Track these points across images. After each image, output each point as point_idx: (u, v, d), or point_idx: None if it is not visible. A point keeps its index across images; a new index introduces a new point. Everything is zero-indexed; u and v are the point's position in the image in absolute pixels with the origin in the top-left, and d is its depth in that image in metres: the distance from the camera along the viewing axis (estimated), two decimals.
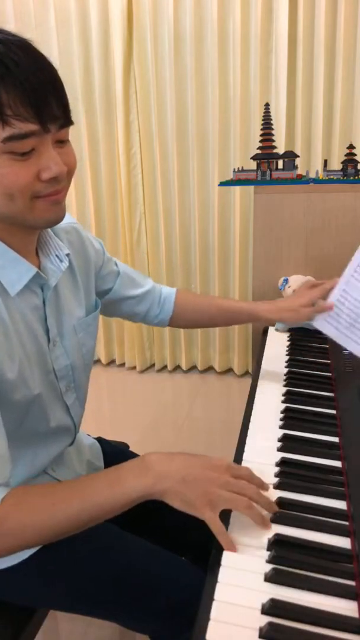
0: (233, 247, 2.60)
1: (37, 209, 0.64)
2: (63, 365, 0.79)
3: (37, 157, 0.60)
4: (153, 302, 1.03)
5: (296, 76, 2.31)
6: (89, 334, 0.85)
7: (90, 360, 0.88)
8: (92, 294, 0.89)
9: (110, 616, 0.77)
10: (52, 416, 0.78)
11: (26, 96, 0.56)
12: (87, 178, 2.63)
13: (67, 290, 0.81)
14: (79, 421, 0.88)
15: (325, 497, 0.69)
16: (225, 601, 0.53)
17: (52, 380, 0.77)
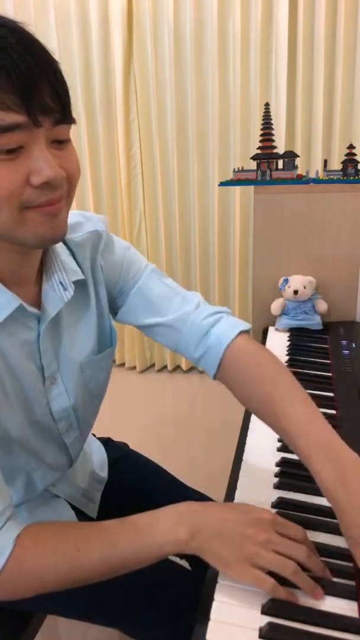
0: (233, 247, 2.59)
1: (28, 223, 0.52)
2: (62, 407, 0.70)
3: (27, 157, 0.50)
4: (185, 341, 0.74)
5: (296, 76, 2.31)
6: (99, 369, 0.74)
7: (100, 393, 0.78)
8: (106, 317, 0.74)
9: (109, 622, 0.76)
10: (44, 455, 0.71)
11: (12, 81, 0.46)
12: (87, 178, 2.63)
13: (73, 320, 0.69)
14: (77, 455, 0.81)
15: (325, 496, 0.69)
16: (225, 601, 0.53)
17: (48, 422, 0.69)
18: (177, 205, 2.56)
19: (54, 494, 0.81)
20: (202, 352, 0.73)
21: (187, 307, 0.75)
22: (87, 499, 0.87)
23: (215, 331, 0.73)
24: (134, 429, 2.19)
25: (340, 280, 1.38)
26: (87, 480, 0.89)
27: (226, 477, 0.75)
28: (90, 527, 0.59)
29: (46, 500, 0.80)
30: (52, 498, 0.81)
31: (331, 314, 1.40)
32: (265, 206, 1.37)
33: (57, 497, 0.82)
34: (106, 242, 0.75)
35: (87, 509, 0.87)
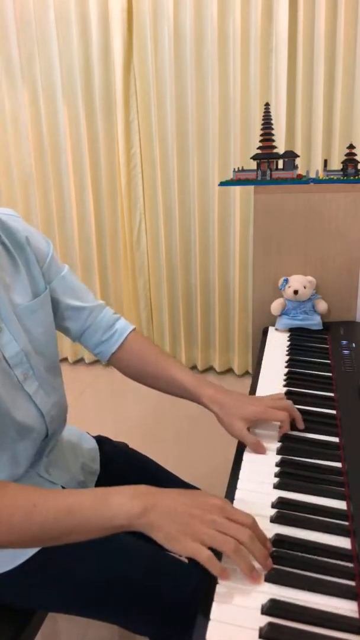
0: (233, 247, 2.59)
1: None
2: (14, 352, 0.76)
3: None
4: (95, 325, 0.94)
5: (296, 76, 2.31)
6: (35, 321, 0.81)
7: (47, 348, 0.84)
8: (38, 281, 0.84)
9: (110, 618, 0.77)
10: (14, 407, 0.75)
11: None
12: (87, 178, 2.63)
13: (4, 274, 0.78)
14: (54, 412, 0.84)
15: (325, 497, 0.69)
16: (225, 601, 0.53)
17: (5, 368, 0.74)
18: (177, 205, 2.56)
19: (51, 481, 0.83)
20: (107, 337, 0.94)
21: (99, 303, 0.96)
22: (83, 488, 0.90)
23: (118, 324, 0.95)
24: (134, 429, 2.20)
25: (340, 280, 1.38)
26: (80, 470, 0.92)
27: (226, 477, 0.75)
28: (52, 491, 0.63)
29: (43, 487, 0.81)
30: (48, 485, 0.83)
31: (331, 314, 1.40)
32: (265, 206, 1.37)
33: (54, 484, 0.84)
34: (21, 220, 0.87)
35: None
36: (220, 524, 0.57)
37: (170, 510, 0.58)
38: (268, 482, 0.72)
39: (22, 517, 0.59)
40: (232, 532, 0.56)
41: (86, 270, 2.81)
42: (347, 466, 0.75)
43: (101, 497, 0.61)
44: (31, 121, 2.58)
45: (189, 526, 0.57)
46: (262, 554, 0.56)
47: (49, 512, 0.59)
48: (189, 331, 2.79)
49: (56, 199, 2.70)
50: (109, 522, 0.59)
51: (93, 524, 0.59)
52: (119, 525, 0.59)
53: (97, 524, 0.59)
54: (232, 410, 0.82)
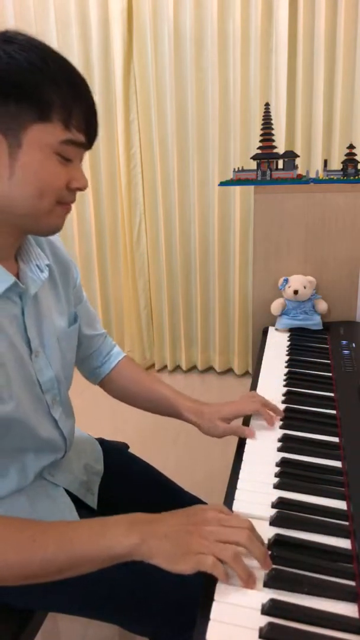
0: (233, 247, 2.59)
1: (54, 214, 0.67)
2: (48, 377, 0.77)
3: (72, 167, 0.66)
4: (99, 351, 0.99)
5: (296, 76, 2.31)
6: (70, 345, 0.84)
7: (71, 374, 0.87)
8: (72, 307, 0.88)
9: (110, 618, 0.77)
10: (41, 431, 0.76)
11: (88, 115, 0.65)
12: (87, 178, 2.62)
13: (48, 300, 0.80)
14: (70, 435, 0.86)
15: (325, 497, 0.69)
16: (225, 601, 0.53)
17: (38, 394, 0.76)
18: (177, 205, 2.56)
19: (53, 483, 0.83)
20: (103, 362, 1.00)
21: (104, 331, 1.01)
22: (86, 490, 0.90)
23: (114, 351, 1.01)
24: (134, 429, 2.20)
25: (340, 280, 1.38)
26: (84, 471, 0.92)
27: (226, 477, 0.75)
28: (49, 524, 0.62)
29: (45, 489, 0.82)
30: (50, 487, 0.83)
31: (331, 314, 1.40)
32: (265, 206, 1.37)
33: (57, 486, 0.84)
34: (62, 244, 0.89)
35: (87, 499, 0.90)
36: (217, 533, 0.57)
37: (166, 534, 0.58)
38: (268, 482, 0.72)
39: (21, 554, 0.58)
40: (230, 537, 0.57)
41: (86, 270, 2.81)
42: (347, 466, 0.75)
43: (98, 529, 0.60)
44: None
45: (187, 544, 0.57)
46: (262, 553, 0.57)
47: (47, 547, 0.58)
48: (189, 331, 2.79)
49: None
50: (107, 553, 0.58)
51: (93, 556, 0.59)
52: (119, 555, 0.59)
53: (97, 556, 0.59)
54: (210, 416, 0.89)
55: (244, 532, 0.57)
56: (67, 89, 0.61)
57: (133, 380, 0.99)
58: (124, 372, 1.00)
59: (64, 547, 0.58)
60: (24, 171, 0.61)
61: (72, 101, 0.62)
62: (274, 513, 0.65)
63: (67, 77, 0.62)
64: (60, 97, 0.61)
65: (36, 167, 0.62)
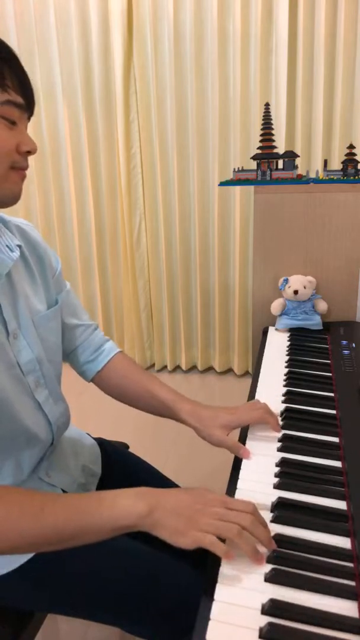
0: (233, 247, 2.59)
1: (9, 180, 0.68)
2: (27, 359, 0.76)
3: (18, 131, 0.68)
4: (86, 344, 0.96)
5: (296, 76, 2.31)
6: (49, 330, 0.83)
7: (56, 357, 0.85)
8: (51, 291, 0.87)
9: (110, 620, 0.77)
10: (25, 415, 0.75)
11: (20, 76, 0.67)
12: (86, 178, 2.63)
13: (23, 282, 0.79)
14: (60, 421, 0.86)
15: (325, 497, 0.69)
16: (225, 601, 0.53)
17: (18, 375, 0.75)
18: (177, 205, 2.56)
19: (50, 484, 0.83)
20: (95, 356, 0.96)
21: (92, 323, 0.98)
22: (83, 491, 0.90)
23: (107, 345, 0.98)
24: (134, 429, 2.20)
25: (340, 280, 1.38)
26: (81, 473, 0.91)
27: (226, 477, 0.75)
28: (57, 495, 0.65)
29: (42, 490, 0.81)
30: (47, 488, 0.82)
31: (331, 314, 1.40)
32: (265, 206, 1.37)
33: (54, 487, 0.83)
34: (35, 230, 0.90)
35: None
36: (223, 514, 0.59)
37: (173, 508, 0.60)
38: (268, 482, 0.72)
39: (32, 522, 0.59)
40: (234, 519, 0.59)
41: (86, 270, 2.81)
42: (347, 466, 0.75)
43: (107, 498, 0.62)
44: (31, 121, 2.56)
45: (192, 520, 0.59)
46: (265, 536, 0.59)
47: (57, 515, 0.60)
48: (189, 331, 2.79)
49: (56, 199, 2.70)
50: (115, 522, 0.60)
51: (101, 524, 0.60)
52: (126, 526, 0.60)
53: (105, 524, 0.60)
54: (209, 422, 0.84)
55: (248, 516, 0.59)
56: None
57: (128, 378, 0.95)
58: (118, 369, 0.96)
59: (73, 515, 0.60)
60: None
61: (2, 65, 0.64)
62: (274, 513, 0.65)
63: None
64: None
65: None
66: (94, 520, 0.60)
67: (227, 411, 0.86)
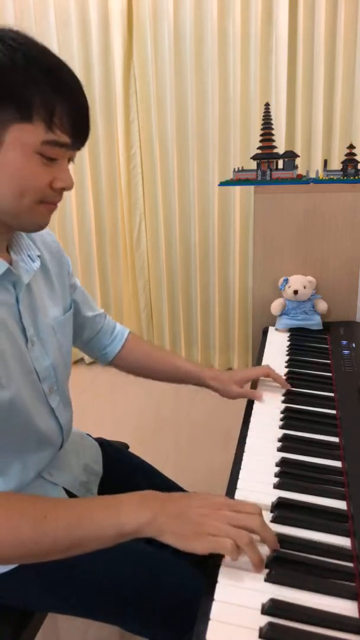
0: (233, 247, 2.59)
1: (36, 213, 0.67)
2: (44, 366, 0.78)
3: (56, 167, 0.66)
4: (104, 330, 1.02)
5: (296, 76, 2.31)
6: (65, 334, 0.85)
7: (69, 362, 0.87)
8: (67, 296, 0.90)
9: (110, 619, 0.77)
10: (39, 420, 0.76)
11: (74, 114, 0.64)
12: (87, 178, 2.63)
13: (42, 290, 0.81)
14: (68, 426, 0.87)
15: (325, 497, 0.69)
16: (225, 601, 0.53)
17: (35, 382, 0.76)
18: (177, 205, 2.56)
19: (53, 483, 0.83)
20: (112, 340, 1.03)
21: (102, 310, 1.04)
22: (85, 490, 0.90)
23: (118, 327, 1.05)
24: (134, 429, 2.20)
25: (340, 280, 1.38)
26: (83, 472, 0.92)
27: (226, 477, 0.75)
28: (60, 500, 0.64)
29: (44, 488, 0.82)
30: (50, 486, 0.83)
31: (331, 314, 1.40)
32: (265, 206, 1.37)
33: (56, 485, 0.84)
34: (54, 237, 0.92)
35: None
36: (231, 517, 0.58)
37: (179, 514, 0.59)
38: (268, 482, 0.72)
39: (34, 530, 0.58)
40: (244, 522, 0.58)
41: (86, 270, 2.81)
42: (347, 466, 0.75)
43: (110, 505, 0.61)
44: None
45: (201, 525, 0.58)
46: (272, 538, 0.59)
47: (59, 523, 0.59)
48: (189, 331, 2.79)
49: None
50: (119, 529, 0.58)
51: (104, 532, 0.59)
52: (129, 532, 0.59)
53: (108, 532, 0.59)
54: (227, 381, 1.01)
55: (257, 518, 0.59)
56: (49, 89, 0.61)
57: (146, 355, 1.04)
58: (136, 348, 1.04)
59: (75, 523, 0.59)
60: (4, 170, 0.62)
61: (54, 101, 0.61)
62: (274, 513, 0.65)
63: (52, 76, 0.61)
64: (41, 97, 0.60)
65: (16, 167, 0.62)
66: (97, 528, 0.59)
67: (239, 370, 1.04)
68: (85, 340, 1.01)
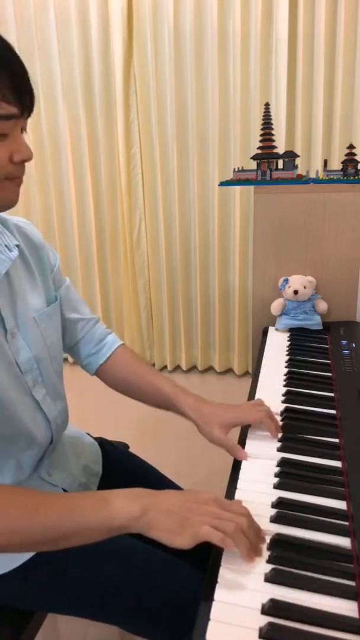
0: (233, 247, 2.59)
1: (5, 190, 0.66)
2: (26, 357, 0.76)
3: (10, 140, 0.64)
4: (88, 338, 0.96)
5: (296, 76, 2.31)
6: (50, 326, 0.83)
7: (57, 354, 0.85)
8: (51, 289, 0.87)
9: (109, 619, 0.77)
10: (23, 414, 0.75)
11: (14, 83, 0.62)
12: (86, 178, 2.63)
13: (22, 281, 0.79)
14: (59, 419, 0.86)
15: (325, 497, 0.69)
16: (225, 601, 0.53)
17: (16, 374, 0.75)
18: (177, 205, 2.56)
19: (51, 484, 0.83)
20: (97, 350, 0.97)
21: (94, 316, 0.99)
22: (85, 490, 0.90)
23: (109, 338, 0.99)
24: (134, 429, 2.20)
25: (340, 280, 1.38)
26: (82, 473, 0.91)
27: (226, 477, 0.75)
28: (51, 494, 0.65)
29: (43, 489, 0.81)
30: (48, 487, 0.83)
31: (331, 314, 1.40)
32: (265, 206, 1.37)
33: (55, 486, 0.84)
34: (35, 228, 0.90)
35: None
36: (218, 513, 0.59)
37: (167, 509, 0.60)
38: (268, 482, 0.72)
39: (25, 519, 0.59)
40: (229, 519, 0.59)
41: (86, 270, 2.81)
42: (347, 466, 0.75)
43: (101, 499, 0.62)
44: (31, 121, 2.57)
45: (187, 519, 0.58)
46: (257, 542, 0.59)
47: (50, 514, 0.59)
48: (189, 331, 2.79)
49: (56, 199, 2.70)
50: (109, 523, 0.59)
51: (94, 525, 0.60)
52: (119, 527, 0.59)
53: (98, 525, 0.60)
54: (210, 419, 0.84)
55: (242, 517, 0.59)
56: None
57: (130, 371, 0.96)
58: (121, 362, 0.97)
59: (66, 515, 0.60)
60: None
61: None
62: (274, 513, 0.65)
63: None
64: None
65: None
66: (88, 520, 0.60)
67: (229, 409, 0.86)
68: (67, 345, 0.96)
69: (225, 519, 0.59)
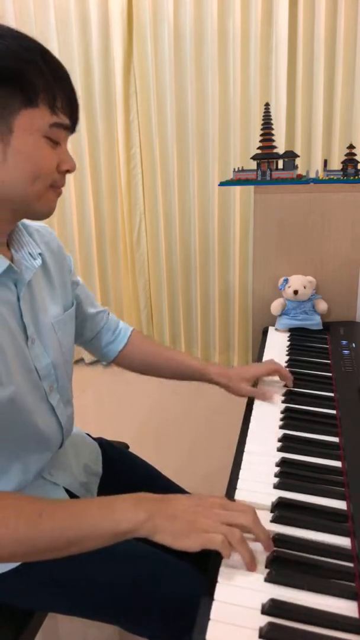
0: (233, 247, 2.59)
1: (46, 197, 0.69)
2: (44, 364, 0.78)
3: (60, 150, 0.69)
4: (106, 327, 1.02)
5: (296, 76, 2.31)
6: (66, 332, 0.85)
7: (70, 359, 0.87)
8: (68, 294, 0.89)
9: (110, 619, 0.77)
10: (39, 419, 0.76)
11: (71, 98, 0.67)
12: (87, 178, 2.63)
13: (42, 288, 0.81)
14: (68, 424, 0.87)
15: (325, 497, 0.69)
16: (225, 601, 0.53)
17: (35, 380, 0.76)
18: (177, 205, 2.56)
19: (53, 483, 0.83)
20: (114, 337, 1.02)
21: (104, 307, 1.04)
22: (85, 490, 0.90)
23: (121, 324, 1.05)
24: (134, 429, 2.20)
25: (340, 280, 1.38)
26: (83, 472, 0.92)
27: (226, 477, 0.75)
28: (56, 500, 0.66)
29: (45, 489, 0.82)
30: (50, 486, 0.83)
31: (331, 314, 1.40)
32: (265, 206, 1.37)
33: (56, 485, 0.84)
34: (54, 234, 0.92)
35: None
36: (224, 515, 0.60)
37: (173, 513, 0.60)
38: (268, 482, 0.72)
39: (30, 527, 0.59)
40: (237, 519, 0.59)
41: (86, 270, 2.81)
42: (347, 466, 0.75)
43: (105, 504, 0.61)
44: None
45: (193, 523, 0.59)
46: (266, 536, 0.60)
47: (55, 521, 0.59)
48: (189, 331, 2.79)
49: None
50: (115, 528, 0.59)
51: (99, 531, 0.59)
52: (124, 532, 0.59)
53: (103, 531, 0.59)
54: (236, 378, 0.99)
55: (249, 515, 0.60)
56: (49, 73, 0.63)
57: (150, 352, 1.03)
58: (140, 345, 1.03)
59: (71, 521, 0.60)
60: (17, 156, 0.63)
61: (54, 85, 0.64)
62: (274, 513, 0.65)
63: (48, 62, 0.64)
64: (43, 81, 0.63)
65: (29, 152, 0.64)
66: (93, 526, 0.59)
67: (247, 367, 1.03)
68: (87, 338, 1.00)
69: (232, 520, 0.59)
